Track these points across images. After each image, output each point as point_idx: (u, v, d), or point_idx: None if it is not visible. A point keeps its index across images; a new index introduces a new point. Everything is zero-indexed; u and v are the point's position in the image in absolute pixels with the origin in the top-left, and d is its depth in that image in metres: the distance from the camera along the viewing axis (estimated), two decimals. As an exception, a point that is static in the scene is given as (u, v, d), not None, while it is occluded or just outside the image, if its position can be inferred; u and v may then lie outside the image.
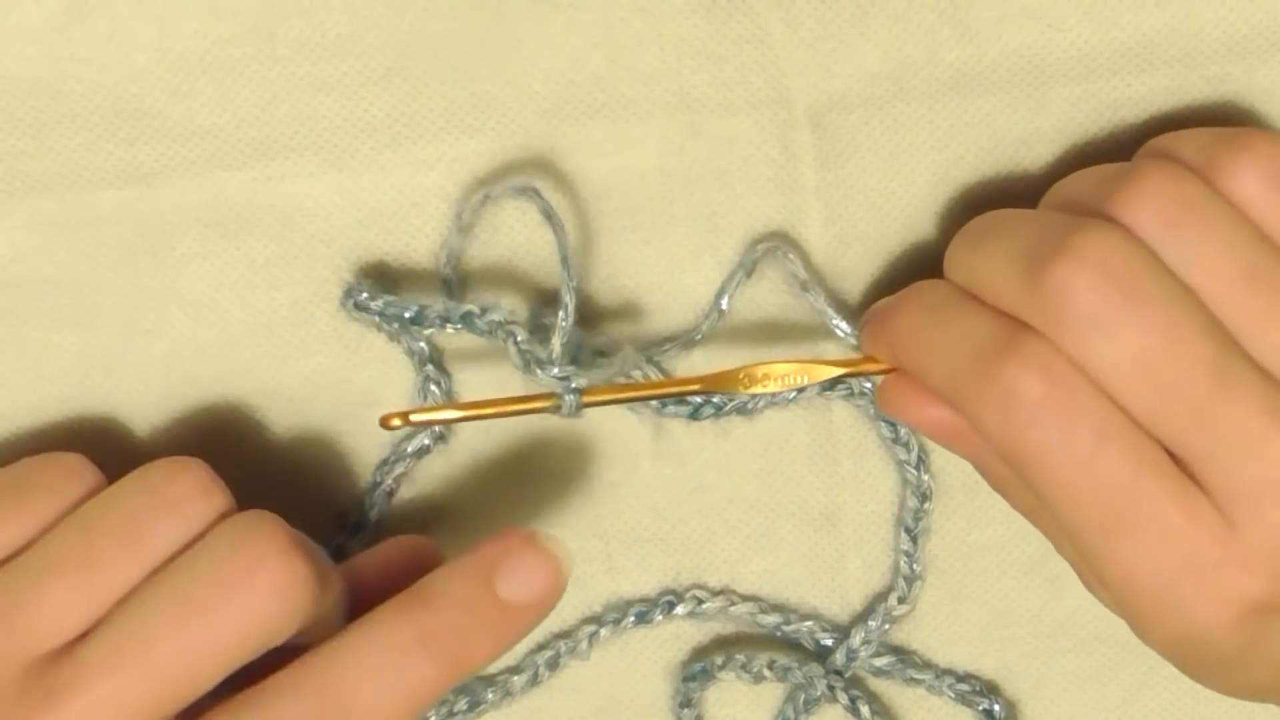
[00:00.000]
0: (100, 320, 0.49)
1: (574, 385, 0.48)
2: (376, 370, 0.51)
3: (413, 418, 0.48)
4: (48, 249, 0.49)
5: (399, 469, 0.51)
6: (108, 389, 0.50)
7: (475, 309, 0.48)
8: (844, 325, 0.50)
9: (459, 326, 0.48)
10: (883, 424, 0.52)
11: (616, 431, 0.52)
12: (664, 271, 0.50)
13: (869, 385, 0.51)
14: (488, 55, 0.48)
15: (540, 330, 0.49)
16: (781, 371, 0.49)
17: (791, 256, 0.50)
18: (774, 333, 0.51)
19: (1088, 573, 0.47)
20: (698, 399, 0.51)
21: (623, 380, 0.49)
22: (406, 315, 0.48)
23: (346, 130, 0.49)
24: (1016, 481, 0.46)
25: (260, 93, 0.48)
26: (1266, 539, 0.43)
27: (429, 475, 0.52)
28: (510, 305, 0.49)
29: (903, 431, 0.52)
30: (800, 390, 0.51)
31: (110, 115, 0.48)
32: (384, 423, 0.47)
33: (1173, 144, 0.45)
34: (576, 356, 0.48)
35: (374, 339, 0.50)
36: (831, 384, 0.51)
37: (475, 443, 0.51)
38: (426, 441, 0.51)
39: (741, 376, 0.49)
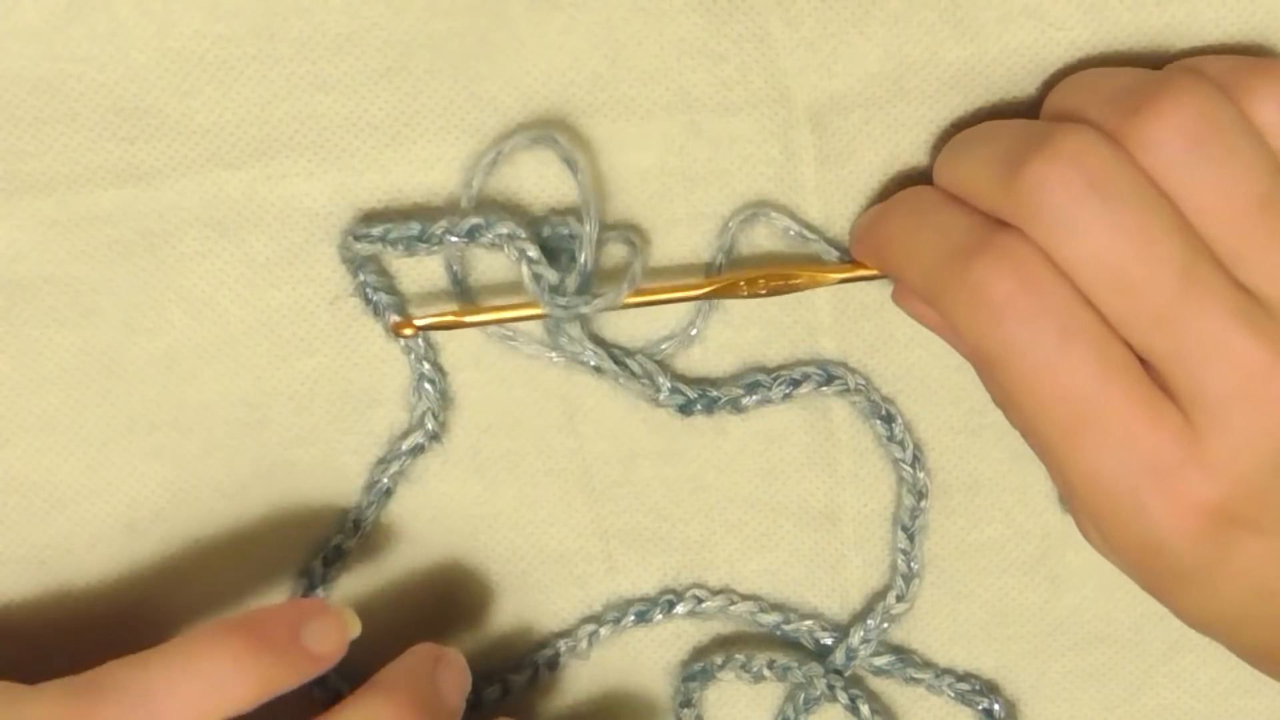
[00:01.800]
0: (100, 320, 0.49)
1: (582, 311, 0.48)
2: (376, 370, 0.50)
3: (418, 323, 0.49)
4: (47, 248, 0.49)
5: (395, 467, 0.51)
6: (108, 389, 0.50)
7: (481, 221, 0.48)
8: (849, 259, 0.50)
9: (465, 240, 0.48)
10: (878, 422, 0.52)
11: (616, 432, 0.52)
12: (664, 270, 0.50)
13: (863, 382, 0.51)
14: (488, 55, 0.48)
15: (546, 249, 0.49)
16: (780, 276, 0.49)
17: (775, 215, 0.50)
18: (770, 319, 0.51)
19: (1079, 510, 0.47)
20: (693, 392, 0.51)
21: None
22: (411, 233, 0.48)
23: (346, 129, 0.48)
24: None
25: (260, 92, 0.48)
26: (1228, 444, 0.43)
27: (427, 474, 0.52)
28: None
29: (898, 429, 0.52)
30: (795, 385, 0.51)
31: (110, 114, 0.48)
32: (396, 330, 0.49)
33: (1199, 63, 0.46)
34: (587, 287, 0.49)
35: (374, 339, 0.50)
36: (826, 380, 0.51)
37: (474, 441, 0.51)
38: (421, 440, 0.51)
39: (742, 284, 0.49)
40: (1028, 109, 0.49)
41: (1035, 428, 0.44)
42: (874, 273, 0.49)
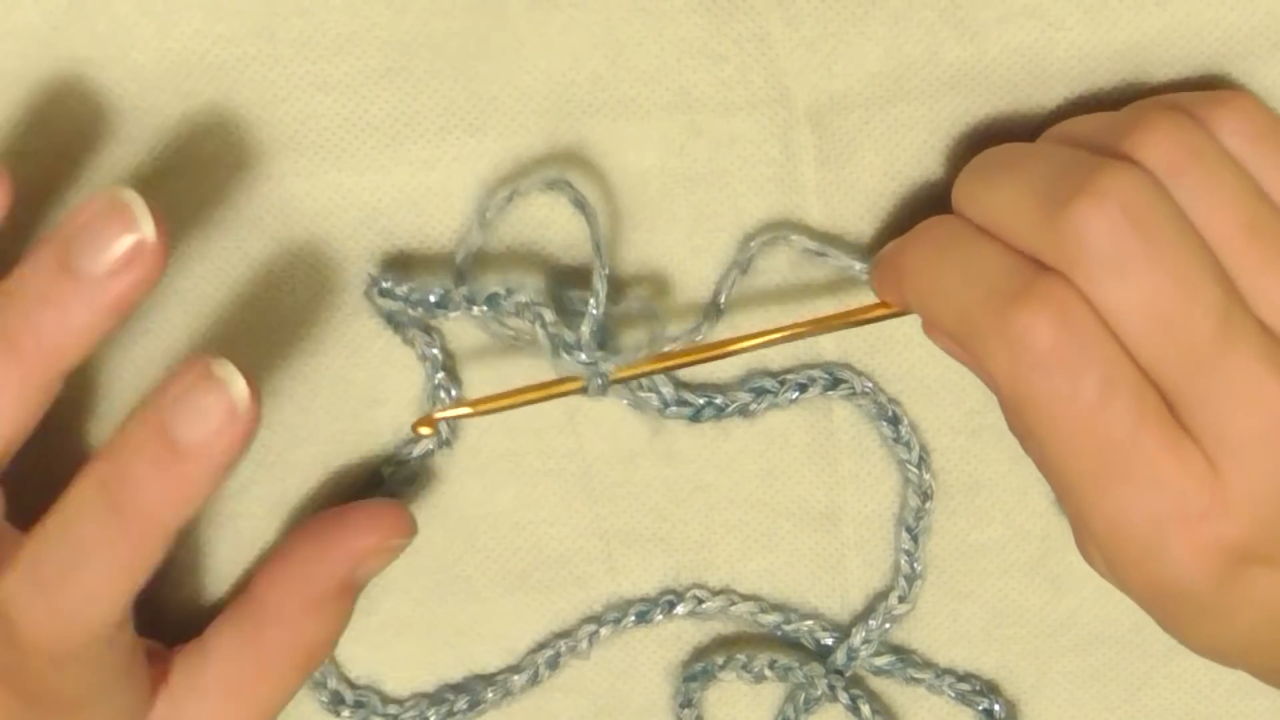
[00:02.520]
0: (101, 320, 0.49)
1: (602, 369, 0.48)
2: (376, 370, 0.50)
3: (437, 416, 0.49)
4: (48, 248, 0.49)
5: (403, 471, 0.51)
6: (108, 390, 0.50)
7: (501, 290, 0.48)
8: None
9: (485, 309, 0.48)
10: (883, 424, 0.52)
11: (616, 432, 0.51)
12: (664, 271, 0.50)
13: (869, 385, 0.51)
14: (488, 55, 0.48)
15: (564, 312, 0.49)
16: (789, 331, 0.49)
17: (794, 237, 0.50)
18: (772, 322, 0.51)
19: (1081, 530, 0.47)
20: (700, 400, 0.51)
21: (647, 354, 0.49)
22: (431, 299, 0.48)
23: (346, 130, 0.48)
24: None
25: (260, 92, 0.48)
26: (1248, 486, 0.42)
27: (429, 475, 0.52)
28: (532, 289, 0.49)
29: (903, 431, 0.52)
30: (803, 389, 0.51)
31: (110, 114, 0.48)
32: (415, 430, 0.49)
33: (1165, 99, 0.46)
34: (604, 340, 0.48)
35: (375, 339, 0.50)
36: (833, 383, 0.51)
37: (476, 443, 0.51)
38: (431, 446, 0.51)
39: (756, 339, 0.49)
40: (1028, 109, 0.49)
41: (1061, 474, 0.44)
42: (889, 310, 0.48)
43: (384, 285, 0.49)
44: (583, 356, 0.48)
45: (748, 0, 0.48)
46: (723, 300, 0.50)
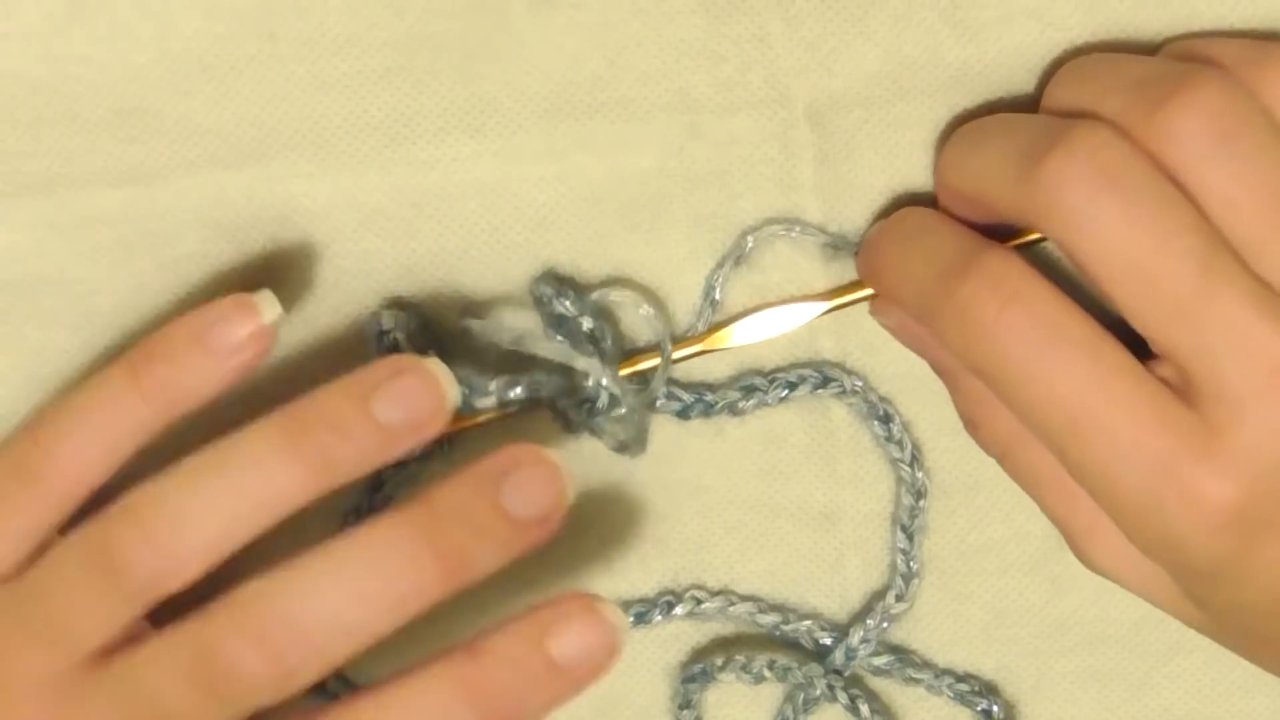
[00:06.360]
0: (100, 320, 0.49)
1: (622, 440, 0.49)
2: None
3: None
4: (46, 250, 0.49)
5: (403, 473, 0.51)
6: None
7: (522, 392, 0.48)
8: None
9: (502, 409, 0.49)
10: (876, 423, 0.52)
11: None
12: (664, 272, 0.50)
13: (860, 383, 0.51)
14: (488, 55, 0.48)
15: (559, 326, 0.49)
16: (778, 317, 0.50)
17: (797, 230, 0.50)
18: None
19: (1098, 517, 0.47)
20: (689, 397, 0.51)
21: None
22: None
23: (346, 130, 0.48)
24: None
25: (260, 92, 0.48)
26: (1248, 439, 0.42)
27: (429, 477, 0.52)
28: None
29: (895, 429, 0.52)
30: (792, 388, 0.51)
31: (110, 114, 0.48)
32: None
33: (1209, 49, 0.46)
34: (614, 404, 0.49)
35: (373, 339, 0.50)
36: (822, 382, 0.51)
37: (475, 444, 0.51)
38: (432, 448, 0.51)
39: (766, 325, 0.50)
40: (1027, 108, 0.49)
41: (1043, 438, 0.44)
42: (871, 292, 0.50)
43: (390, 338, 0.49)
44: (600, 422, 0.49)
45: (747, 0, 0.48)
46: (717, 293, 0.50)
